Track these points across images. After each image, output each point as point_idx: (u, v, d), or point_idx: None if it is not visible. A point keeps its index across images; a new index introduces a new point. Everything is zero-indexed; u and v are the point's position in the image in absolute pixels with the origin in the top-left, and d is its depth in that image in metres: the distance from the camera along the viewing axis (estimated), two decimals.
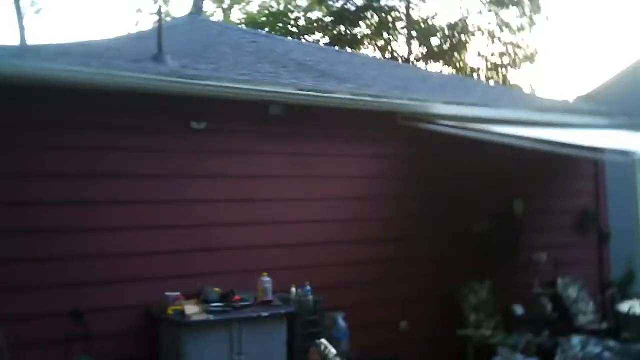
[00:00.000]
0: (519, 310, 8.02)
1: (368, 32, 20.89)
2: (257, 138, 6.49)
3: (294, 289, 6.27)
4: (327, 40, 20.30)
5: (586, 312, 8.35)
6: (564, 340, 6.06)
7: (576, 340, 5.96)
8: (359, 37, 20.73)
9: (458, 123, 7.04)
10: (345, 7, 20.20)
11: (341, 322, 6.52)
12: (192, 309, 5.55)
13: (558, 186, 8.83)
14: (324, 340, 4.00)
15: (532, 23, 19.98)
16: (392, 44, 20.97)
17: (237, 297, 5.92)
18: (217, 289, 5.91)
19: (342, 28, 20.26)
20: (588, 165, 9.06)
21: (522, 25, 20.03)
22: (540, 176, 8.50)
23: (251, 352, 5.67)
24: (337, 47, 19.44)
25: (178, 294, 5.72)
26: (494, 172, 7.93)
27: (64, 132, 5.56)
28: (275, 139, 6.59)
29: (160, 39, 6.27)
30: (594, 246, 9.12)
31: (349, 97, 6.75)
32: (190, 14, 14.64)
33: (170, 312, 5.57)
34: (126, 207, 5.81)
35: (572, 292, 8.43)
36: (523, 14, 19.93)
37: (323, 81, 7.04)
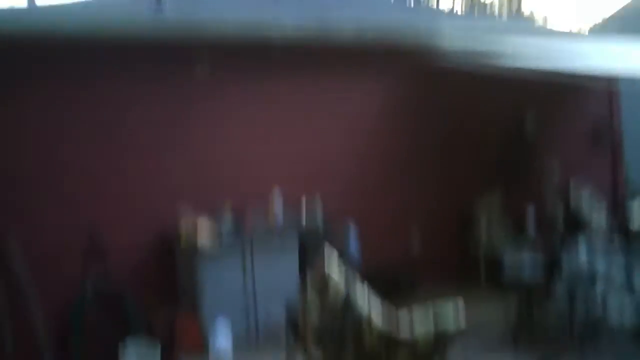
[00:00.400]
0: (531, 214, 8.17)
1: None
2: (267, 79, 6.88)
3: (303, 206, 6.70)
4: None
5: (598, 216, 8.47)
6: (572, 246, 6.11)
7: (583, 250, 6.02)
8: None
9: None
10: None
11: (352, 237, 6.89)
12: (204, 239, 6.00)
13: (571, 97, 8.90)
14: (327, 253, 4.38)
15: None
16: None
17: (248, 218, 6.34)
18: (228, 213, 6.32)
19: None
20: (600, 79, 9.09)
21: None
22: (553, 90, 8.56)
23: (264, 274, 6.16)
24: None
25: (195, 218, 6.13)
26: (506, 89, 8.01)
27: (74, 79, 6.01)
28: (281, 81, 6.96)
29: None
30: (606, 154, 9.25)
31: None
32: None
33: (184, 237, 6.04)
34: (143, 128, 6.28)
35: (585, 197, 8.57)
36: None
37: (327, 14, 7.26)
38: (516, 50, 6.89)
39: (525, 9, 20.08)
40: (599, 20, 10.31)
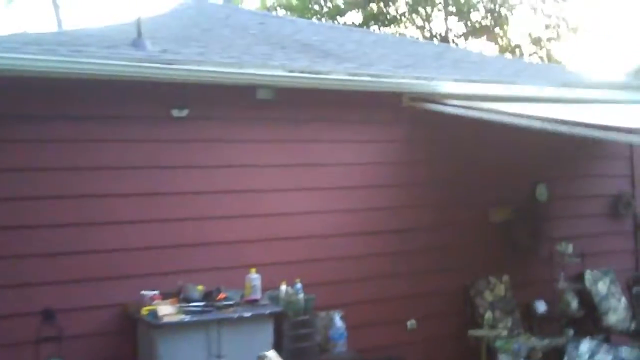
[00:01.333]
0: (540, 307, 7.43)
1: (405, 10, 20.11)
2: (244, 125, 6.03)
3: (283, 287, 5.84)
4: (360, 19, 19.61)
5: (617, 310, 7.67)
6: (572, 345, 5.44)
7: (585, 346, 5.33)
8: (396, 15, 19.98)
9: (468, 102, 6.48)
10: None
11: (338, 322, 6.09)
12: (166, 309, 5.17)
13: (587, 168, 8.12)
14: (270, 353, 3.55)
15: None
16: (430, 21, 20.17)
17: (222, 295, 5.54)
18: (200, 287, 5.54)
19: (376, 6, 19.53)
20: (622, 145, 8.32)
21: None
22: (566, 157, 7.82)
23: (232, 355, 5.27)
24: (371, 26, 18.80)
25: (155, 292, 5.36)
26: (514, 154, 7.33)
27: (32, 123, 5.23)
28: (265, 125, 6.12)
29: (139, 23, 5.86)
30: (628, 235, 8.38)
31: (344, 77, 6.23)
32: None
33: (144, 312, 5.22)
34: (101, 201, 5.45)
35: (602, 286, 7.75)
36: None
37: (321, 61, 6.53)
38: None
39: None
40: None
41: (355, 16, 20.02)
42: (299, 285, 5.84)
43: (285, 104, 6.14)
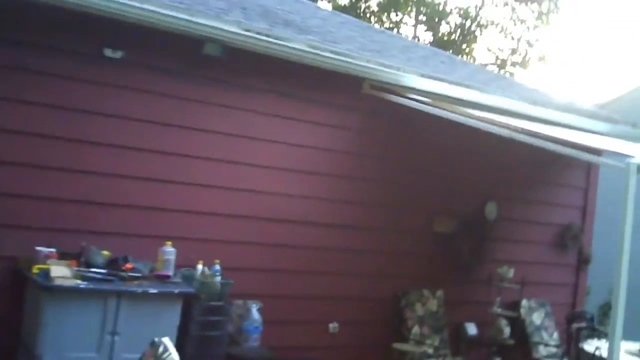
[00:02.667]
0: (471, 329, 7.00)
1: (376, 9, 19.66)
2: (186, 80, 5.38)
3: (200, 266, 5.22)
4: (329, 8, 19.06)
5: (548, 343, 7.30)
6: None
7: None
8: (366, 12, 19.50)
9: (433, 101, 5.99)
10: None
11: (254, 313, 5.52)
12: (59, 271, 4.47)
13: (540, 193, 7.75)
14: (165, 340, 2.96)
15: (547, 22, 18.77)
16: (399, 27, 19.75)
17: (129, 265, 4.87)
18: (105, 252, 4.86)
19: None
20: (578, 175, 7.99)
21: (536, 24, 18.83)
22: (522, 179, 7.44)
23: (129, 333, 4.61)
24: None
25: (52, 250, 4.67)
26: (469, 165, 6.89)
27: None
28: (209, 85, 5.49)
29: None
30: (571, 268, 8.04)
31: (305, 48, 5.64)
32: None
33: (35, 270, 4.53)
34: (11, 139, 4.73)
35: (537, 317, 7.39)
36: (540, 13, 18.70)
37: (282, 29, 5.92)
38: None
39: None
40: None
41: (323, 5, 19.47)
42: (217, 266, 5.22)
43: (235, 66, 5.52)
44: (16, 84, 4.73)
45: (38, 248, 4.64)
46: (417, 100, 5.84)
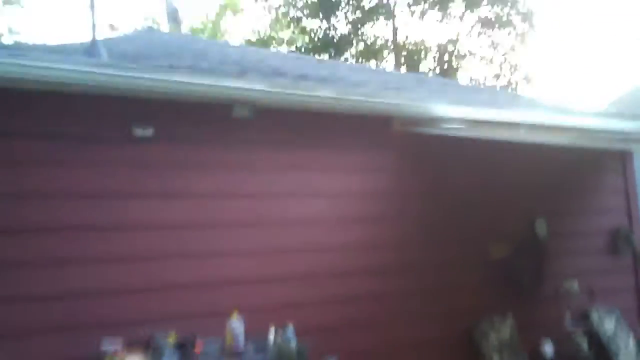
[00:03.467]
0: (548, 349, 6.68)
1: (353, 61, 19.85)
2: (217, 147, 5.22)
3: (272, 334, 4.94)
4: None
5: (627, 349, 6.98)
6: None
7: None
8: (347, 60, 19.68)
9: (466, 126, 5.86)
10: (328, 34, 19.16)
11: None
12: None
13: (584, 203, 7.54)
14: None
15: (523, 41, 19.00)
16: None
17: (198, 347, 4.60)
18: (172, 336, 4.59)
19: (326, 56, 19.20)
20: (615, 178, 7.82)
21: (513, 45, 19.06)
22: (563, 191, 7.25)
23: None
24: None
25: (118, 346, 4.39)
26: (511, 186, 6.71)
27: None
28: (241, 148, 5.32)
29: (94, 28, 5.04)
30: (628, 271, 7.78)
31: (333, 95, 5.51)
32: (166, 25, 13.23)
33: None
34: (53, 235, 4.50)
35: (609, 325, 7.08)
36: (515, 34, 18.96)
37: (300, 81, 5.82)
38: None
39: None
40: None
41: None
42: (290, 330, 4.95)
43: (264, 125, 5.37)
44: (58, 178, 4.54)
45: (104, 348, 4.38)
46: (454, 127, 5.73)
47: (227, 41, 12.49)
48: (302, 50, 19.15)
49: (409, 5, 19.38)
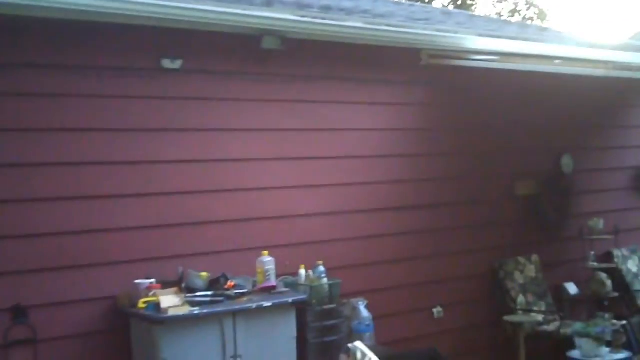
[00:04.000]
0: (571, 289, 6.68)
1: None
2: (247, 80, 5.04)
3: (303, 271, 4.89)
4: None
5: None
6: None
7: None
8: None
9: (497, 59, 5.70)
10: None
11: (363, 311, 5.16)
12: (169, 300, 4.15)
13: (611, 139, 7.43)
14: (359, 345, 2.66)
15: None
16: None
17: (230, 283, 4.55)
18: (203, 273, 4.53)
19: None
20: None
21: None
22: (591, 127, 7.12)
23: (250, 353, 4.31)
24: None
25: (152, 281, 4.34)
26: (538, 121, 6.58)
27: None
28: (272, 82, 5.15)
29: None
30: None
31: (363, 25, 5.32)
32: None
33: (141, 305, 4.20)
34: (78, 172, 4.38)
35: (632, 265, 7.07)
36: None
37: (328, 10, 5.62)
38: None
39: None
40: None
41: None
42: (321, 268, 4.90)
43: (294, 57, 5.20)
44: (81, 112, 4.40)
45: (137, 281, 4.33)
46: (486, 60, 5.56)
47: None
48: None
49: None
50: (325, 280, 4.87)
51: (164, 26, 4.53)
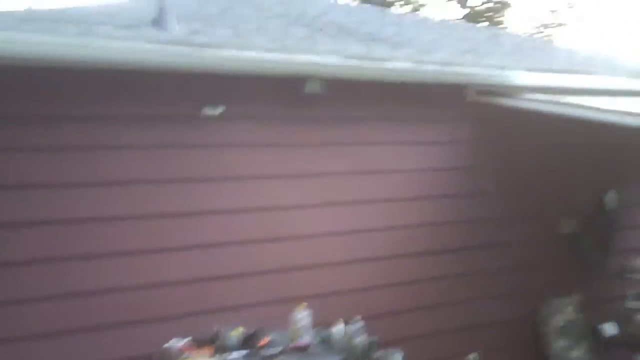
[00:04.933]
0: (609, 329, 6.46)
1: None
2: (289, 125, 4.87)
3: (340, 326, 4.73)
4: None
5: None
6: None
7: None
8: None
9: (546, 96, 5.45)
10: None
11: None
12: None
13: None
14: None
15: None
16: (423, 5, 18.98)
17: (265, 340, 4.41)
18: (237, 330, 4.39)
19: None
20: None
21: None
22: (634, 161, 6.83)
23: None
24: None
25: (186, 340, 4.20)
26: (582, 157, 6.30)
27: (33, 125, 3.99)
28: (315, 125, 4.97)
29: None
30: None
31: (408, 65, 5.10)
32: None
33: None
34: (113, 225, 4.25)
35: None
36: None
37: (372, 47, 5.38)
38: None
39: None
40: None
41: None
42: (359, 324, 4.74)
43: (337, 99, 4.99)
44: (121, 164, 4.25)
45: (168, 345, 4.19)
46: (531, 100, 5.33)
47: None
48: None
49: None
50: (362, 337, 4.71)
51: (207, 72, 4.35)
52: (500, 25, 18.31)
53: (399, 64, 5.06)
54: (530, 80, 5.61)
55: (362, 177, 5.18)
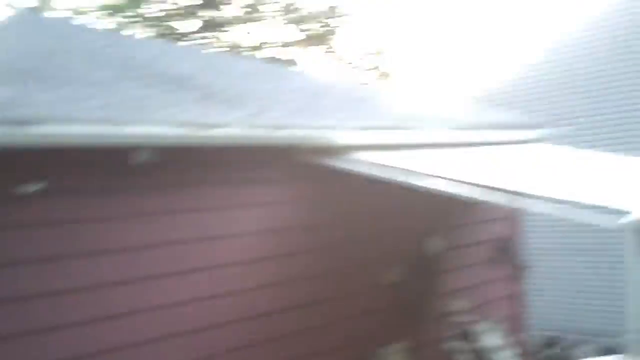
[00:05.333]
0: None
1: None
2: (122, 196, 4.72)
3: None
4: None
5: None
6: None
7: None
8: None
9: (370, 154, 5.69)
10: None
11: None
12: None
13: (468, 214, 7.61)
14: None
15: None
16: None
17: None
18: None
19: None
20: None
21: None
22: (450, 205, 7.23)
23: None
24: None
25: None
26: (406, 207, 6.60)
27: None
28: (147, 194, 4.85)
29: None
30: (510, 281, 8.04)
31: (240, 130, 5.12)
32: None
33: None
34: None
35: (491, 340, 7.32)
36: None
37: (206, 107, 5.33)
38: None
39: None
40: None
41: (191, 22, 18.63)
42: None
43: (166, 167, 4.86)
44: None
45: None
46: (362, 162, 5.54)
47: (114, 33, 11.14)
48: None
49: None
50: None
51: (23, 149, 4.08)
52: (330, 50, 18.88)
53: (230, 129, 5.04)
54: (356, 139, 5.81)
55: (195, 244, 5.10)
